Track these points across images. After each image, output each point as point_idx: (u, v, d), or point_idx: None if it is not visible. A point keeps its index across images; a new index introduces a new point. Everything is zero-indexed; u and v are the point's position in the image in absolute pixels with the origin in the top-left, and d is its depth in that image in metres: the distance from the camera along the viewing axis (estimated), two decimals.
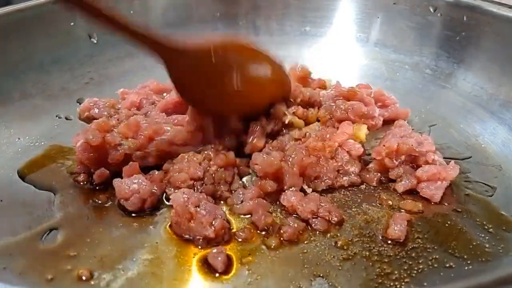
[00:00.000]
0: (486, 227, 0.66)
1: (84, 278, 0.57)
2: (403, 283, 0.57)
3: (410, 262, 0.60)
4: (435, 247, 0.63)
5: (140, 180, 0.68)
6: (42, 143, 0.83)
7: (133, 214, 0.68)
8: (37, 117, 0.89)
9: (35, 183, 0.74)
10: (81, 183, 0.74)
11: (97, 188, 0.73)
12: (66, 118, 0.91)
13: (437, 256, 0.61)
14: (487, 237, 0.64)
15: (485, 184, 0.75)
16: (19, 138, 0.84)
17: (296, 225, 0.66)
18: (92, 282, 0.57)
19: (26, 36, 0.93)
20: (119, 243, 0.63)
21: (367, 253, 0.62)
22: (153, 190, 0.69)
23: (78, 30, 1.01)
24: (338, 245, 0.63)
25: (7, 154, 0.80)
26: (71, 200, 0.71)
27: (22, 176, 0.75)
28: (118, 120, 0.82)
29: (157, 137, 0.76)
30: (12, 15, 0.91)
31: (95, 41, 1.04)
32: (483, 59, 0.96)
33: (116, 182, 0.69)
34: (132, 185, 0.68)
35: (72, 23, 1.00)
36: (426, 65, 1.04)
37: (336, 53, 1.13)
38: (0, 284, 0.45)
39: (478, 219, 0.68)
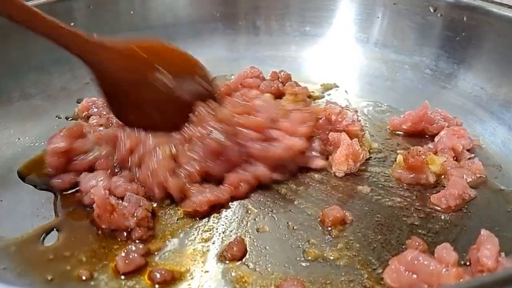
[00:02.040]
0: (486, 226, 0.66)
1: (84, 278, 0.57)
2: None
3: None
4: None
5: (100, 177, 0.69)
6: (42, 143, 0.83)
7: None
8: (37, 117, 0.89)
9: (35, 183, 0.74)
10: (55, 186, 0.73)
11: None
12: (66, 118, 0.91)
13: None
14: None
15: None
16: (19, 138, 0.84)
17: None
18: (92, 283, 0.57)
19: (27, 36, 0.91)
20: None
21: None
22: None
23: (78, 30, 1.01)
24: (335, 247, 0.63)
25: (7, 154, 0.80)
26: (71, 200, 0.70)
27: (22, 176, 0.75)
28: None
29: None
30: None
31: None
32: (483, 59, 0.96)
33: (81, 176, 0.70)
34: (91, 181, 0.68)
35: (72, 24, 1.00)
36: (426, 65, 1.04)
37: (336, 53, 1.13)
38: (0, 284, 0.45)
39: (477, 219, 0.68)
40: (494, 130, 0.87)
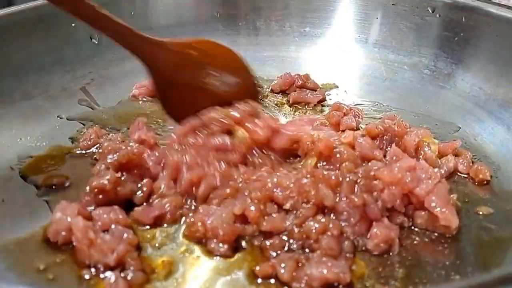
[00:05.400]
0: (484, 225, 0.67)
1: (85, 277, 0.57)
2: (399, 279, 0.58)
3: (410, 258, 0.61)
4: None
5: (69, 210, 0.63)
6: (44, 143, 0.84)
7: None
8: (39, 117, 0.89)
9: (36, 183, 0.74)
10: None
11: None
12: (67, 119, 0.92)
13: None
14: None
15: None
16: (20, 139, 0.84)
17: None
18: (93, 282, 0.57)
19: (28, 37, 0.93)
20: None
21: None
22: None
23: (79, 31, 1.02)
24: None
25: (9, 154, 0.80)
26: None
27: (23, 176, 0.76)
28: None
29: None
30: (14, 16, 0.91)
31: (96, 42, 1.05)
32: (481, 59, 0.96)
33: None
34: (57, 213, 0.63)
35: (73, 24, 1.01)
36: (425, 66, 1.05)
37: (336, 54, 1.14)
38: (1, 284, 0.46)
39: (476, 218, 0.68)
40: (492, 130, 0.87)
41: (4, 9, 0.91)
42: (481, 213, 0.69)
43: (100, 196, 0.66)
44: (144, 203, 0.68)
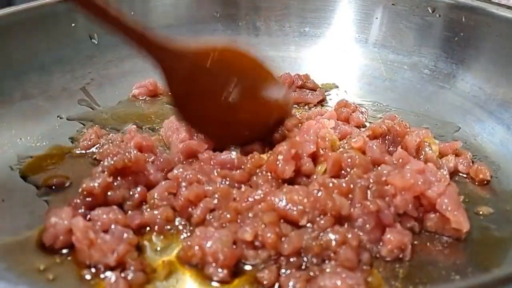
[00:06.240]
0: (483, 225, 0.67)
1: (85, 278, 0.57)
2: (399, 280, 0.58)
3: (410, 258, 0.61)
4: None
5: (64, 214, 0.63)
6: (44, 143, 0.84)
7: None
8: (39, 117, 0.89)
9: (36, 183, 0.74)
10: None
11: None
12: (67, 119, 0.92)
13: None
14: None
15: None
16: (20, 139, 0.84)
17: None
18: (93, 282, 0.57)
19: (28, 37, 0.93)
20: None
21: None
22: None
23: (79, 31, 1.02)
24: None
25: (9, 154, 0.80)
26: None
27: (23, 176, 0.76)
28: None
29: None
30: (13, 16, 0.91)
31: (96, 42, 1.05)
32: (481, 59, 0.96)
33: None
34: (52, 218, 0.62)
35: (73, 24, 1.01)
36: (425, 66, 1.05)
37: (335, 54, 1.14)
38: (1, 284, 0.46)
39: (475, 218, 0.68)
40: (492, 129, 0.87)
41: (4, 9, 0.91)
42: (481, 213, 0.69)
43: (89, 199, 0.65)
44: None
